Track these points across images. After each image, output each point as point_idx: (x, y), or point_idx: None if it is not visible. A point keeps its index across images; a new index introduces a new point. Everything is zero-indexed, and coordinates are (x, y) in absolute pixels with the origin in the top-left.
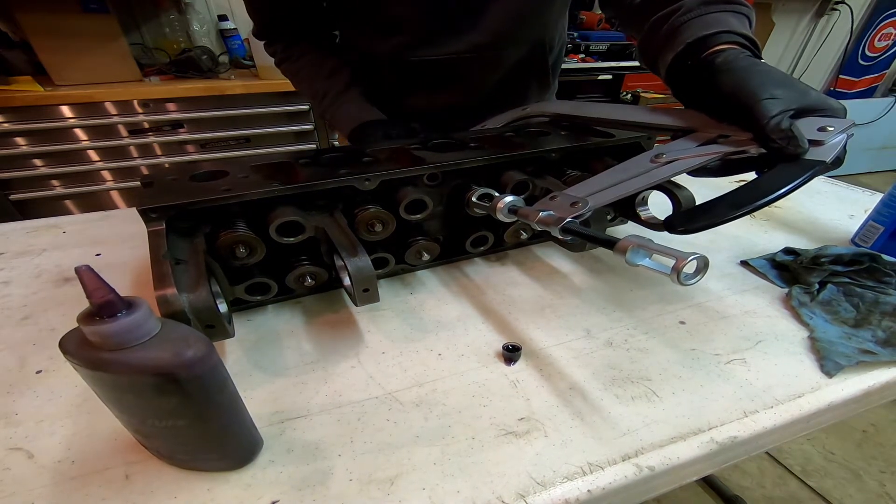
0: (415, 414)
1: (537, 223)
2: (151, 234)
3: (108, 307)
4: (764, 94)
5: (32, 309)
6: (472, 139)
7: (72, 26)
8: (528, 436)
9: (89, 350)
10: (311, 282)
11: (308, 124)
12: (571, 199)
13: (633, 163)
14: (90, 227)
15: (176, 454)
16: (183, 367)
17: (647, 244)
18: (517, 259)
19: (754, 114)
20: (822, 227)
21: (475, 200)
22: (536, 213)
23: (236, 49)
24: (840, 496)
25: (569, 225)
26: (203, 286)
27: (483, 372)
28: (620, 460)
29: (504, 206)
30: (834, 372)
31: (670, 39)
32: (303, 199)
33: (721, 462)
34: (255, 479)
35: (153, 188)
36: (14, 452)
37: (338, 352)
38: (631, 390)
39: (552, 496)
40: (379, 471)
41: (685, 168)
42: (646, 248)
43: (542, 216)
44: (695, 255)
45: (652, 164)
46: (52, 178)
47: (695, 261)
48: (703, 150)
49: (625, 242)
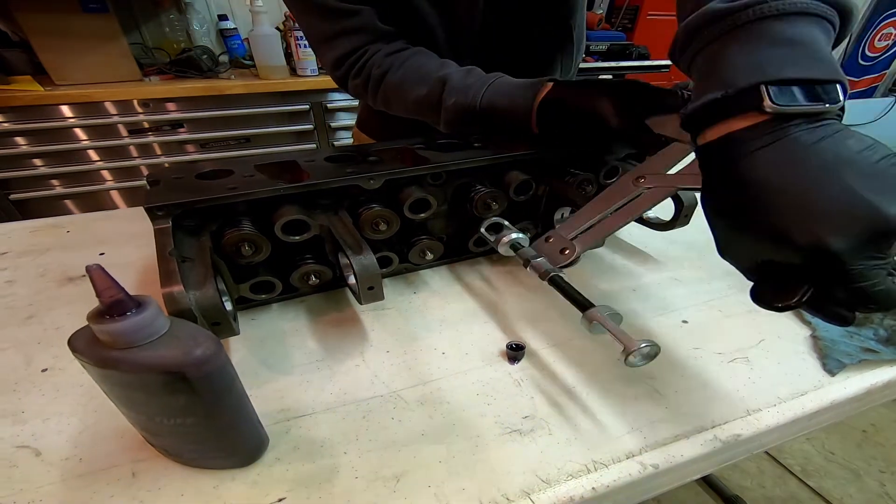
0: (420, 412)
1: (530, 269)
2: (158, 231)
3: (118, 306)
4: None
5: (37, 308)
6: (476, 139)
7: (72, 26)
8: (532, 434)
9: (99, 348)
10: (316, 280)
11: (308, 124)
12: (562, 244)
13: (615, 190)
14: (93, 226)
15: (183, 452)
16: (192, 366)
17: (607, 323)
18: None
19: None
20: None
21: (483, 232)
22: (528, 260)
23: (236, 49)
24: (840, 496)
25: (554, 278)
26: (210, 284)
27: (487, 371)
28: (625, 458)
29: (507, 242)
30: (836, 370)
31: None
32: (308, 198)
33: (724, 460)
34: (262, 477)
35: (159, 186)
36: (21, 450)
37: (343, 350)
38: (634, 389)
39: (557, 494)
40: (384, 468)
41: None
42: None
43: (534, 263)
44: (646, 343)
45: (634, 186)
46: (52, 177)
47: (647, 348)
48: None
49: (592, 314)
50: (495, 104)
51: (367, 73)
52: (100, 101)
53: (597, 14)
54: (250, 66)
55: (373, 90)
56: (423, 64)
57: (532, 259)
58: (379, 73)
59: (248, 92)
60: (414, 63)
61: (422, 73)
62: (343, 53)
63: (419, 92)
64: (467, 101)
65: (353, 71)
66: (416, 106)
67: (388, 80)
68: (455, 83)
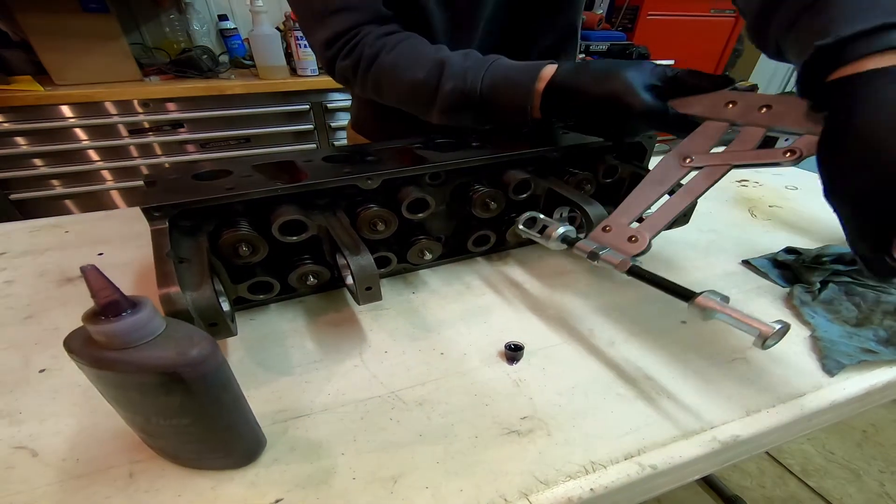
0: (418, 413)
1: (600, 263)
2: (155, 232)
3: (113, 307)
4: None
5: (35, 308)
6: (475, 138)
7: (72, 26)
8: (530, 434)
9: (94, 349)
10: (314, 281)
11: (308, 124)
12: (626, 232)
13: (663, 173)
14: (93, 226)
15: (180, 453)
16: (188, 366)
17: (728, 310)
18: (519, 258)
19: None
20: (824, 227)
21: (521, 228)
22: (597, 253)
23: (236, 49)
24: (840, 496)
25: (635, 268)
26: (206, 284)
27: (486, 371)
28: (623, 459)
29: (558, 236)
30: (835, 371)
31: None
32: (305, 198)
33: (723, 461)
34: (259, 478)
35: (156, 187)
36: (18, 451)
37: (341, 351)
38: (633, 389)
39: (555, 495)
40: (382, 469)
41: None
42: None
43: (605, 256)
44: (780, 324)
45: (682, 167)
46: (52, 177)
47: (782, 328)
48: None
49: (703, 300)
50: (497, 89)
51: (359, 53)
52: (100, 101)
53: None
54: (250, 66)
55: (363, 72)
56: (417, 46)
57: (600, 252)
58: (371, 53)
59: (249, 92)
60: (408, 45)
61: (417, 55)
62: (336, 32)
63: (415, 75)
64: (466, 86)
65: (343, 51)
66: (411, 90)
67: (381, 61)
68: (454, 67)
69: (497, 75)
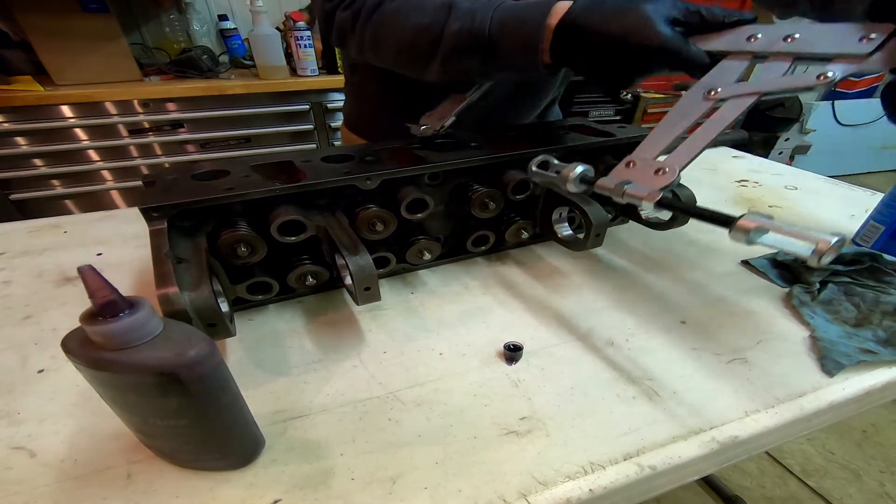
0: (416, 413)
1: (625, 198)
2: (153, 233)
3: (110, 307)
4: None
5: (34, 308)
6: (473, 139)
7: (72, 26)
8: (529, 435)
9: (92, 350)
10: (313, 281)
11: (308, 124)
12: (652, 165)
13: (686, 108)
14: (91, 226)
15: (178, 453)
16: (185, 367)
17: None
18: (518, 258)
19: None
20: (823, 227)
21: (535, 170)
22: (621, 187)
23: (236, 49)
24: (840, 496)
25: (666, 200)
26: (205, 285)
27: (485, 371)
28: (622, 459)
29: (575, 175)
30: (835, 371)
31: None
32: (304, 199)
33: (722, 461)
34: (258, 479)
35: (155, 187)
36: (16, 451)
37: (339, 351)
38: (632, 389)
39: (554, 495)
40: (381, 470)
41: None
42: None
43: (630, 190)
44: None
45: (706, 101)
46: (53, 177)
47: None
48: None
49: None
50: (506, 26)
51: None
52: (100, 101)
53: None
54: (250, 66)
55: (363, 23)
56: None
57: (626, 187)
58: (374, 2)
59: (248, 92)
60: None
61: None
62: None
63: (419, 20)
64: (474, 25)
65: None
66: (413, 37)
67: (384, 8)
68: (461, 9)
69: (507, 12)
